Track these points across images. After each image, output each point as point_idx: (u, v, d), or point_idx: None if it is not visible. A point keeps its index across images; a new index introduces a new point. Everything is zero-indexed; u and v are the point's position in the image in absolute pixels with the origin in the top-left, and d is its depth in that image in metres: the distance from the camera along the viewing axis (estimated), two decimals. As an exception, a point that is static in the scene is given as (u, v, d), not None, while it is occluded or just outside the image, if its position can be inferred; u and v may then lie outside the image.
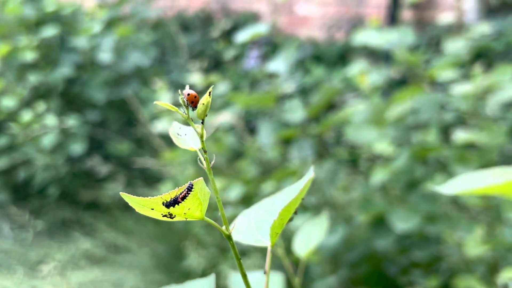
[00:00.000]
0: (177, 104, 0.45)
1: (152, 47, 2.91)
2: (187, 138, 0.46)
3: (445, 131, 1.70)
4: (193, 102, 0.44)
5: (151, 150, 2.51)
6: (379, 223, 1.60)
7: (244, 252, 1.92)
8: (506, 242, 1.46)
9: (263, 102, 1.78)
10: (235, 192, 1.79)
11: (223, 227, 0.44)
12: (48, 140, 2.43)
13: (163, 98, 2.10)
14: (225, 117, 1.83)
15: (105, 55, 2.61)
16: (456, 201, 1.67)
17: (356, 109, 1.70)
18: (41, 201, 2.58)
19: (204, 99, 0.42)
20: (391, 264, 1.68)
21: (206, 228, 2.00)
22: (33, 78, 2.56)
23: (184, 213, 0.41)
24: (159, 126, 2.05)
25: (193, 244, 2.01)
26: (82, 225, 2.47)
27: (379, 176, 1.55)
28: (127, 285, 2.06)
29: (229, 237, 0.45)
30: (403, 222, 1.51)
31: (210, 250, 1.98)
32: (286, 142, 1.91)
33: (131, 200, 0.40)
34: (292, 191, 0.52)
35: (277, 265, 1.50)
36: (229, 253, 1.93)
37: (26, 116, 2.47)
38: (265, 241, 0.49)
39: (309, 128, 1.83)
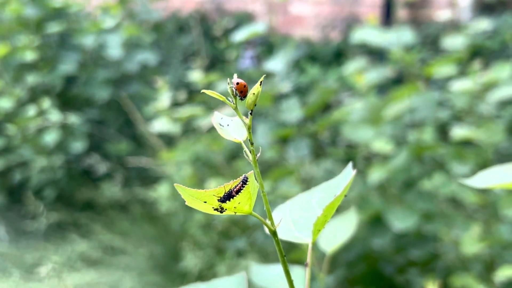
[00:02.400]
0: (176, 104, 0.44)
1: (154, 47, 2.91)
2: (230, 129, 0.44)
3: (442, 129, 1.70)
4: (242, 92, 0.42)
5: (149, 150, 2.50)
6: (376, 222, 1.60)
7: (240, 253, 1.91)
8: (503, 239, 1.46)
9: (259, 101, 1.78)
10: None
11: (268, 222, 0.43)
12: (50, 137, 2.42)
13: (164, 97, 2.09)
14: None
15: (114, 52, 2.60)
16: (452, 199, 1.68)
17: (353, 108, 1.70)
18: (37, 203, 2.57)
19: (255, 89, 0.41)
20: (388, 263, 1.68)
21: (203, 228, 2.00)
22: (31, 79, 2.55)
23: (234, 207, 0.40)
24: (157, 125, 2.05)
25: (189, 245, 2.01)
26: (78, 227, 2.46)
27: (376, 175, 1.55)
28: (123, 287, 2.06)
29: (274, 233, 0.43)
30: (400, 221, 1.51)
31: (207, 251, 1.97)
32: (283, 142, 1.90)
33: (184, 191, 0.39)
34: (330, 188, 0.51)
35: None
36: (225, 254, 1.93)
37: (31, 111, 2.46)
38: (305, 238, 0.49)
39: (306, 127, 1.83)
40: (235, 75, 0.43)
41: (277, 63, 1.80)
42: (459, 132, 1.55)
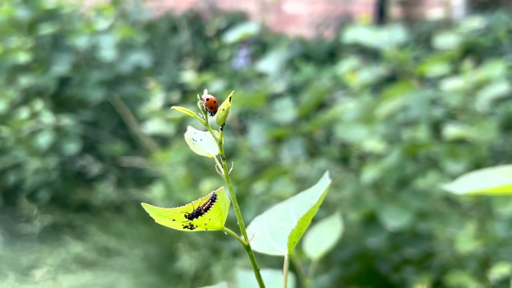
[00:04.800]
0: (170, 105, 0.43)
1: (148, 47, 2.90)
2: (203, 143, 0.45)
3: (435, 127, 1.70)
4: (212, 108, 0.42)
5: (143, 151, 2.50)
6: (371, 220, 1.60)
7: (236, 253, 1.91)
8: (497, 237, 1.46)
9: (253, 101, 1.78)
10: (226, 192, 1.78)
11: (242, 237, 0.43)
12: (44, 140, 2.41)
13: (156, 98, 2.09)
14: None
15: (107, 53, 2.59)
16: (447, 197, 1.68)
17: (346, 107, 1.70)
18: (31, 205, 2.56)
19: (225, 105, 0.41)
20: (383, 261, 1.69)
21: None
22: (24, 81, 2.54)
23: (205, 224, 0.40)
24: (150, 127, 2.04)
25: (185, 246, 2.00)
26: (73, 229, 2.45)
27: (370, 173, 1.55)
28: (119, 288, 2.05)
29: (247, 248, 0.43)
30: (394, 220, 1.51)
31: (202, 251, 1.97)
32: (277, 142, 1.90)
33: (152, 210, 0.39)
34: (307, 197, 0.51)
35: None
36: (221, 254, 1.93)
37: (23, 114, 2.45)
38: (281, 250, 0.48)
39: (300, 127, 1.83)
40: (205, 91, 0.43)
41: (270, 63, 1.80)
42: (452, 130, 1.55)
